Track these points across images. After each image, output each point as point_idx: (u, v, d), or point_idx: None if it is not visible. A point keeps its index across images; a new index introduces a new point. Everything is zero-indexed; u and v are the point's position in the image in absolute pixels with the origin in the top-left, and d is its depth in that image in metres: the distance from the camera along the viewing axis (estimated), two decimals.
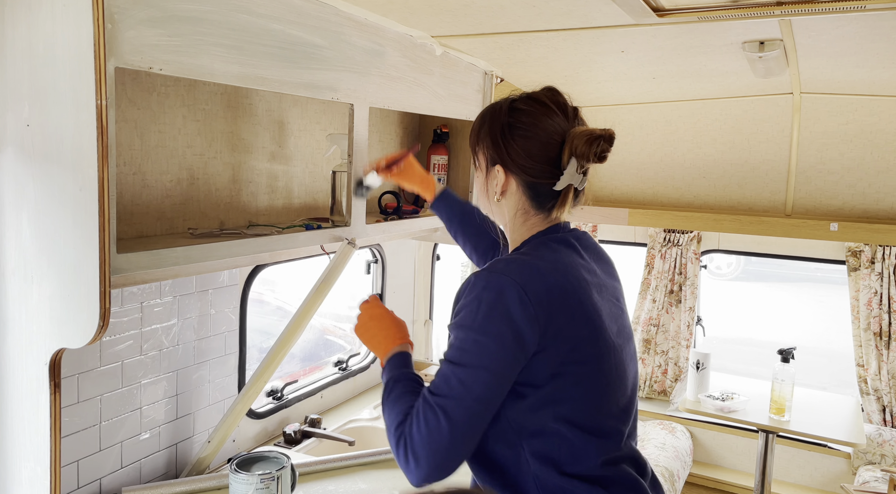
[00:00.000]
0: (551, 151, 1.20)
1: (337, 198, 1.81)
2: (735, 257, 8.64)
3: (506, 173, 1.23)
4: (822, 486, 3.24)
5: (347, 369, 2.63)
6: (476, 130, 1.30)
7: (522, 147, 1.21)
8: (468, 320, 1.09)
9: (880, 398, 3.12)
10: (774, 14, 1.66)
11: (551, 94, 1.25)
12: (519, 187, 1.24)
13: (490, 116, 1.27)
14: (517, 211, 1.25)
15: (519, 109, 1.23)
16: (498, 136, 1.23)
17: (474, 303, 1.09)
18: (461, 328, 1.10)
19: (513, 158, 1.22)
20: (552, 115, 1.21)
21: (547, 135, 1.20)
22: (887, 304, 3.04)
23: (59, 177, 1.14)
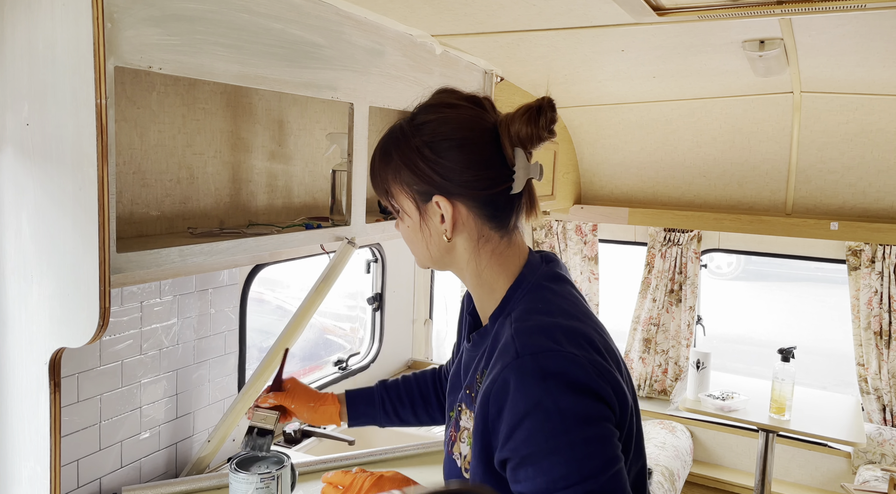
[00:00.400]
0: (489, 152, 0.97)
1: (337, 197, 1.81)
2: (735, 257, 8.64)
3: (449, 201, 0.97)
4: (823, 485, 3.24)
5: (347, 368, 2.63)
6: (380, 169, 1.02)
7: (455, 160, 0.96)
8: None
9: (880, 397, 3.12)
10: (775, 13, 1.66)
11: (449, 94, 1.03)
12: (471, 211, 0.98)
13: (393, 144, 1.01)
14: (476, 243, 1.00)
15: (425, 123, 0.98)
16: (418, 161, 0.97)
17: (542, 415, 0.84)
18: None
19: (451, 179, 0.96)
20: (467, 111, 0.99)
21: (475, 135, 0.97)
22: (887, 303, 3.04)
23: (58, 176, 1.14)
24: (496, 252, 1.01)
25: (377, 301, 2.77)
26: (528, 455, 0.84)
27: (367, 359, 2.74)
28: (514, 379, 0.85)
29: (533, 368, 0.85)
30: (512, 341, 0.89)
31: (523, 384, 0.85)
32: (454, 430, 1.05)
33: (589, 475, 0.82)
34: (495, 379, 0.88)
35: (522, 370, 0.85)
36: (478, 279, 1.02)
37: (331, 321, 3.33)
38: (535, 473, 0.84)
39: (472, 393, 1.01)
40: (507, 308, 0.98)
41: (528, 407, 0.84)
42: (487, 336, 1.00)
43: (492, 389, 0.89)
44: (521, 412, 0.84)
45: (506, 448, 0.87)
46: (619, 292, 6.50)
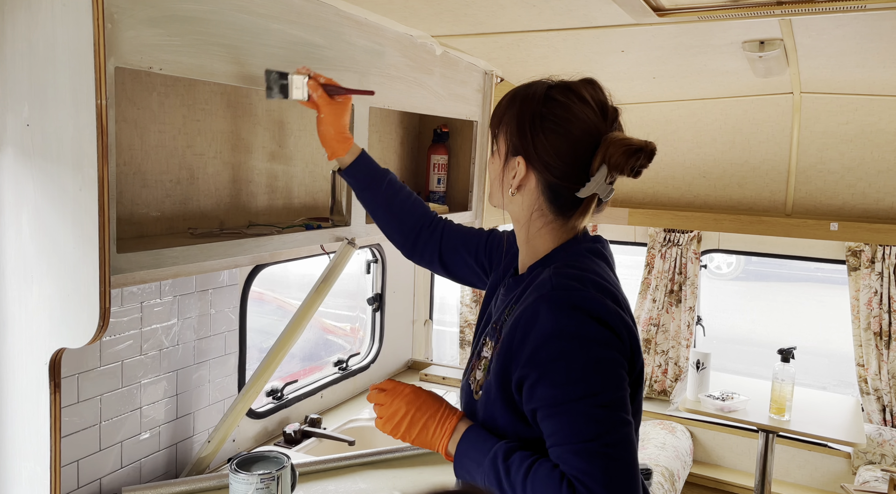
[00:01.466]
0: (582, 154, 1.07)
1: (337, 198, 1.81)
2: (735, 257, 8.64)
3: (527, 167, 1.10)
4: (823, 486, 3.24)
5: (347, 368, 2.63)
6: (501, 110, 1.14)
7: (551, 143, 1.07)
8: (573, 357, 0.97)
9: (880, 397, 3.12)
10: (774, 14, 1.66)
11: (592, 89, 1.11)
12: (538, 185, 1.10)
13: (521, 98, 1.11)
14: (533, 212, 1.12)
15: (554, 99, 1.08)
16: (526, 124, 1.09)
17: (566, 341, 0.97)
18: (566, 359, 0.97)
19: (538, 153, 1.08)
20: (590, 113, 1.08)
21: (581, 135, 1.07)
22: (887, 304, 3.04)
23: (59, 177, 1.14)
24: (548, 227, 1.12)
25: (377, 302, 2.77)
26: (547, 371, 0.96)
27: (368, 359, 2.74)
28: (545, 308, 0.99)
29: (563, 299, 0.99)
30: (549, 279, 1.03)
31: (552, 311, 0.98)
32: (476, 360, 1.16)
33: (599, 390, 0.95)
34: (527, 307, 1.01)
35: (554, 300, 0.99)
36: (526, 236, 1.15)
37: (331, 322, 3.33)
38: (551, 386, 0.96)
39: (497, 326, 1.12)
40: (547, 262, 1.10)
41: (554, 330, 0.97)
42: (521, 283, 1.13)
43: (522, 316, 1.01)
44: (547, 333, 0.97)
45: (527, 367, 0.98)
46: None
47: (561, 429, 0.96)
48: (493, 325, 1.15)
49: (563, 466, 0.95)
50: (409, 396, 1.13)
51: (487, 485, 1.01)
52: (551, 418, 0.97)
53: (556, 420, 0.96)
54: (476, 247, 1.42)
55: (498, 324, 1.13)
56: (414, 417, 1.11)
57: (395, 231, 1.51)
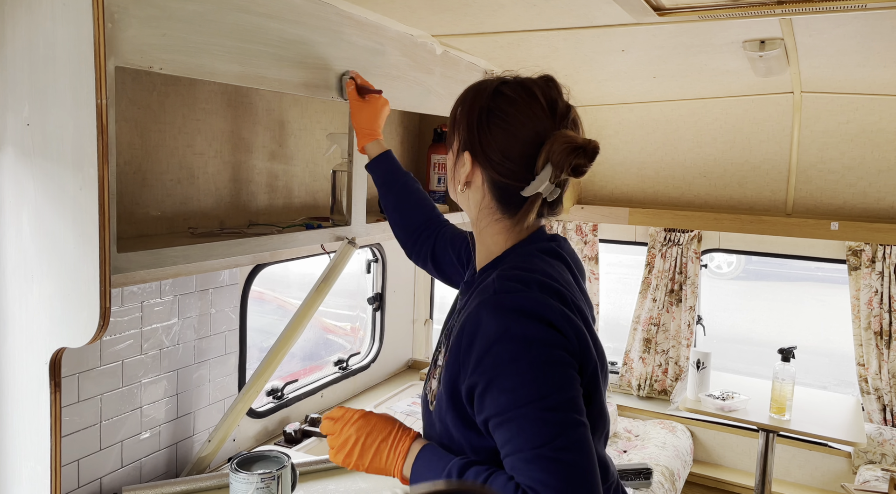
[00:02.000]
0: (527, 152, 1.04)
1: (337, 197, 1.81)
2: (735, 257, 8.64)
3: (472, 164, 1.08)
4: (823, 485, 3.24)
5: (348, 368, 2.63)
6: (457, 105, 1.14)
7: (496, 139, 1.05)
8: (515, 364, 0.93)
9: (881, 397, 3.12)
10: (775, 13, 1.66)
11: (545, 85, 1.08)
12: (484, 182, 1.08)
13: (473, 95, 1.11)
14: (482, 209, 1.10)
15: (503, 95, 1.06)
16: (474, 120, 1.07)
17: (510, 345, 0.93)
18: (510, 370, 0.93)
19: (483, 149, 1.06)
20: (537, 110, 1.05)
21: (526, 132, 1.04)
22: (888, 303, 3.04)
23: (59, 176, 1.14)
24: (497, 223, 1.10)
25: (377, 301, 2.77)
26: (494, 378, 0.93)
27: (368, 359, 2.74)
28: (487, 313, 0.96)
29: (505, 303, 0.96)
30: (492, 282, 1.00)
31: (495, 316, 0.95)
32: (433, 368, 1.13)
33: (547, 393, 0.91)
34: (471, 314, 0.98)
35: (496, 304, 0.96)
36: (477, 232, 1.14)
37: (331, 321, 3.33)
38: (499, 393, 0.92)
39: (448, 333, 1.10)
40: (498, 264, 1.08)
41: (497, 334, 0.94)
42: (474, 284, 1.10)
43: (467, 322, 0.98)
44: (491, 339, 0.94)
45: (475, 374, 0.95)
46: (620, 291, 6.50)
47: (512, 438, 0.92)
48: (444, 331, 1.12)
49: (517, 476, 0.91)
50: (357, 422, 1.08)
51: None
52: (501, 426, 0.93)
53: (505, 428, 0.92)
54: (460, 246, 1.42)
55: (448, 330, 1.10)
56: (364, 443, 1.06)
57: (399, 230, 1.55)
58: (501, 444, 0.94)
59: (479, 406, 0.96)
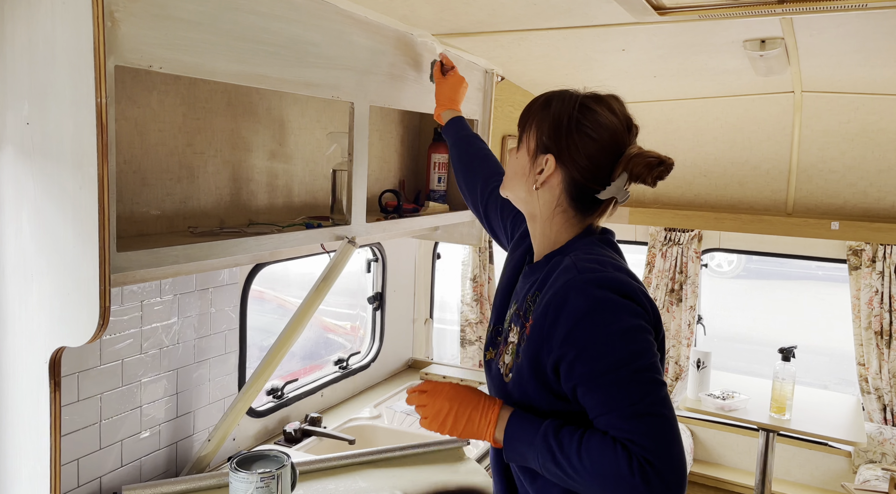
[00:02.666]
0: (606, 160, 1.19)
1: (337, 196, 1.81)
2: (736, 256, 8.64)
3: (556, 165, 1.20)
4: (823, 485, 3.24)
5: (348, 367, 2.63)
6: (537, 109, 1.24)
7: (584, 146, 1.18)
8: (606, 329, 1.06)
9: (881, 396, 3.12)
10: (776, 12, 1.66)
11: (619, 103, 1.24)
12: (562, 182, 1.21)
13: (559, 101, 1.22)
14: (556, 207, 1.22)
15: (590, 109, 1.20)
16: (563, 125, 1.19)
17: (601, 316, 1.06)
18: None
19: (571, 154, 1.19)
20: (617, 124, 1.20)
21: (608, 142, 1.19)
22: (888, 303, 3.04)
23: (58, 175, 1.14)
24: (568, 221, 1.23)
25: (377, 300, 2.77)
26: (584, 348, 1.05)
27: (368, 358, 2.74)
28: (574, 290, 1.08)
29: (590, 280, 1.08)
30: (573, 265, 1.12)
31: (581, 292, 1.07)
32: (503, 345, 1.25)
33: (636, 357, 1.04)
34: (557, 292, 1.09)
35: (582, 281, 1.08)
36: (545, 229, 1.25)
37: (331, 320, 3.33)
38: (592, 360, 1.04)
39: (521, 313, 1.21)
40: (564, 251, 1.21)
41: (586, 308, 1.05)
42: (540, 270, 1.21)
43: (552, 301, 1.10)
44: (580, 313, 1.06)
45: (563, 346, 1.06)
46: None
47: (607, 399, 1.03)
48: (516, 312, 1.23)
49: (614, 431, 1.02)
50: (449, 393, 1.19)
51: (542, 462, 1.08)
52: (596, 390, 1.04)
53: (601, 392, 1.04)
54: (511, 217, 1.56)
55: (521, 311, 1.21)
56: (458, 412, 1.18)
57: (462, 182, 1.76)
58: (595, 405, 1.05)
59: (569, 374, 1.07)
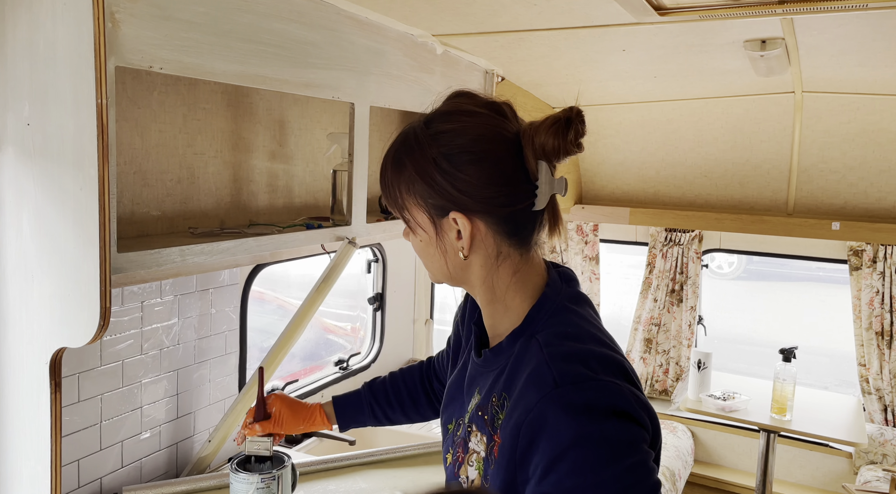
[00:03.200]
0: (511, 166, 0.90)
1: (337, 197, 1.81)
2: (736, 256, 8.63)
3: (467, 218, 0.90)
4: (824, 486, 3.24)
5: (348, 368, 2.63)
6: (392, 178, 0.95)
7: (475, 175, 0.89)
8: None
9: (882, 397, 3.11)
10: (776, 12, 1.66)
11: (467, 98, 0.95)
12: (489, 227, 0.91)
13: (406, 153, 0.93)
14: (495, 261, 0.94)
15: (443, 132, 0.91)
16: (434, 174, 0.90)
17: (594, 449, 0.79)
18: None
19: (469, 194, 0.89)
20: (488, 122, 0.91)
21: (497, 147, 0.90)
22: (889, 303, 3.03)
23: (59, 176, 1.14)
24: (515, 270, 0.94)
25: (378, 301, 2.77)
26: (573, 487, 0.79)
27: (368, 359, 2.74)
28: (554, 410, 0.81)
29: (574, 398, 0.81)
30: (548, 368, 0.84)
31: (566, 414, 0.80)
32: (462, 452, 0.99)
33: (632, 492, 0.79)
34: (529, 409, 0.83)
35: (564, 400, 0.81)
36: (492, 296, 0.96)
37: (332, 321, 3.33)
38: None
39: (485, 415, 0.95)
40: (529, 329, 0.93)
41: (573, 438, 0.79)
42: (503, 355, 0.95)
43: (524, 419, 0.84)
44: (565, 442, 0.79)
45: (545, 482, 0.81)
46: (620, 291, 6.49)
47: None
48: (478, 411, 0.97)
49: None
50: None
51: None
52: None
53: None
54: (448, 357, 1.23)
55: (485, 413, 0.95)
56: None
57: (421, 418, 1.41)
58: None
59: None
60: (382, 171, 0.97)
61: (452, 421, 1.05)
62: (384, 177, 0.97)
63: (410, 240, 1.00)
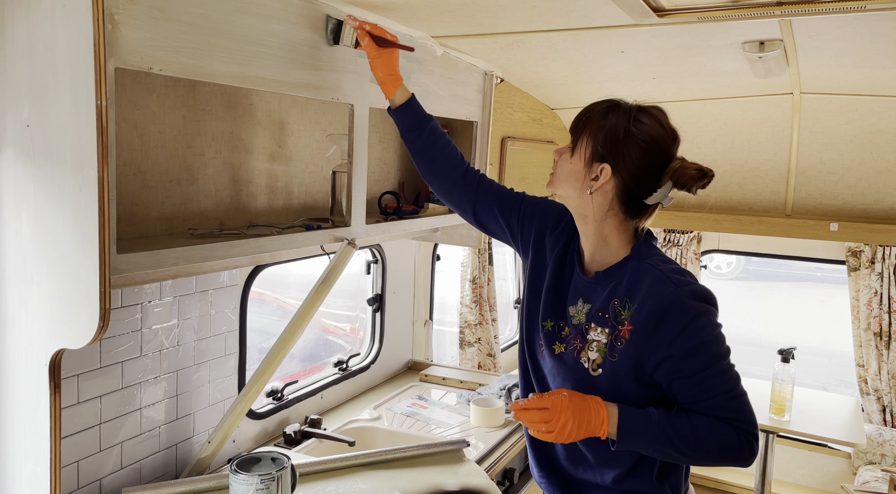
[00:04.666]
0: (655, 170, 1.32)
1: (337, 198, 1.81)
2: (735, 257, 8.64)
3: (612, 174, 1.33)
4: (823, 486, 3.24)
5: (347, 369, 2.63)
6: (594, 118, 1.35)
7: (637, 157, 1.31)
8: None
9: (880, 398, 3.12)
10: (774, 14, 1.66)
11: (665, 118, 1.37)
12: (614, 189, 1.34)
13: (615, 113, 1.34)
14: (608, 210, 1.36)
15: (642, 122, 1.33)
16: (620, 137, 1.32)
17: (710, 330, 1.29)
18: None
19: (625, 163, 1.32)
20: (668, 137, 1.34)
21: (661, 154, 1.33)
22: (887, 304, 3.04)
23: (59, 177, 1.14)
24: (620, 224, 1.37)
25: (377, 302, 2.78)
26: (691, 350, 1.26)
27: (368, 360, 2.74)
28: (676, 303, 1.27)
29: (687, 293, 1.28)
30: (665, 277, 1.30)
31: (683, 304, 1.27)
32: (579, 342, 1.39)
33: (726, 354, 1.31)
34: (661, 301, 1.28)
35: (681, 295, 1.27)
36: (596, 230, 1.39)
37: (331, 322, 3.33)
38: (697, 360, 1.27)
39: (605, 315, 1.35)
40: (636, 257, 1.36)
41: (689, 318, 1.26)
42: (616, 276, 1.36)
43: (655, 311, 1.28)
44: (684, 321, 1.26)
45: (671, 349, 1.27)
46: None
47: (710, 388, 1.27)
48: (596, 313, 1.37)
49: (717, 412, 1.27)
50: (570, 407, 1.28)
51: (658, 448, 1.28)
52: (700, 383, 1.27)
53: (704, 383, 1.27)
54: (509, 211, 1.61)
55: (607, 314, 1.35)
56: (579, 423, 1.28)
57: (433, 177, 1.66)
58: (695, 393, 1.28)
59: (671, 371, 1.28)
60: (593, 106, 1.37)
61: (549, 321, 1.46)
62: (591, 111, 1.37)
63: (561, 159, 1.40)
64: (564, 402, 1.28)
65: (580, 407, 1.28)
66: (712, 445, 1.27)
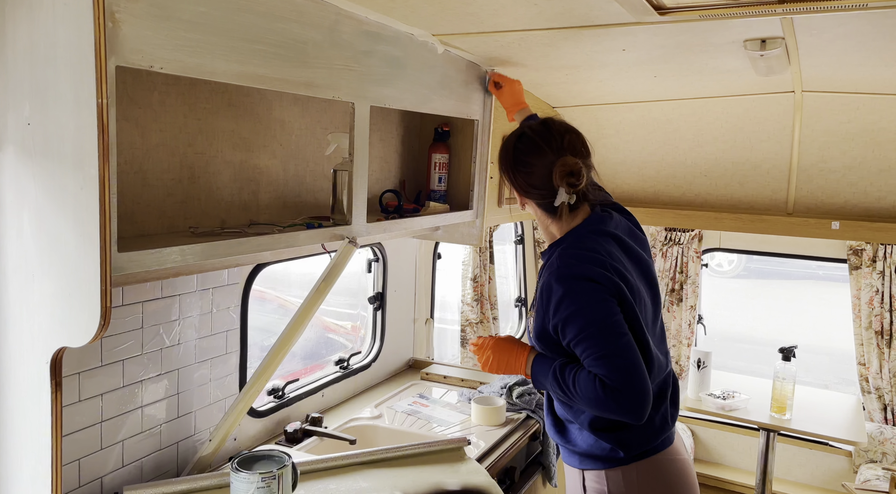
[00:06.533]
0: (546, 180, 1.64)
1: (338, 197, 1.81)
2: (736, 255, 8.63)
3: (521, 199, 1.73)
4: (824, 484, 3.24)
5: (349, 367, 2.63)
6: (497, 164, 1.77)
7: (525, 180, 1.67)
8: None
9: (881, 396, 3.12)
10: (776, 12, 1.66)
11: (544, 131, 1.66)
12: (534, 207, 1.71)
13: (502, 153, 1.72)
14: (542, 217, 1.72)
15: (519, 149, 1.67)
16: (508, 171, 1.71)
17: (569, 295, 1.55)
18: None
19: (522, 188, 1.69)
20: (544, 152, 1.63)
21: (541, 169, 1.64)
22: (889, 302, 3.04)
23: (60, 176, 1.14)
24: (554, 222, 1.71)
25: (378, 300, 2.78)
26: (567, 317, 1.54)
27: (369, 358, 2.74)
28: (554, 280, 1.57)
29: (564, 272, 1.57)
30: (556, 260, 1.61)
31: (559, 280, 1.56)
32: (532, 311, 1.70)
33: (600, 319, 1.52)
34: (545, 282, 1.60)
35: (559, 275, 1.57)
36: (546, 232, 1.75)
37: (332, 320, 3.33)
38: (573, 324, 1.54)
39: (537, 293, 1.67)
40: (560, 244, 1.67)
41: (564, 291, 1.55)
42: (546, 256, 1.70)
43: (544, 287, 1.60)
44: (561, 295, 1.55)
45: (555, 317, 1.56)
46: None
47: (585, 348, 1.53)
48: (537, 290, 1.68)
49: (592, 369, 1.52)
50: (492, 347, 1.73)
51: (553, 390, 1.61)
52: (578, 344, 1.54)
53: (582, 345, 1.53)
54: None
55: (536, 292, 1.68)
56: (499, 360, 1.71)
57: None
58: (580, 352, 1.54)
59: (563, 334, 1.57)
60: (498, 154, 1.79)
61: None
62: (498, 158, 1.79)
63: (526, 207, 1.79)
64: (489, 343, 1.74)
65: (503, 349, 1.71)
66: (588, 396, 1.52)
